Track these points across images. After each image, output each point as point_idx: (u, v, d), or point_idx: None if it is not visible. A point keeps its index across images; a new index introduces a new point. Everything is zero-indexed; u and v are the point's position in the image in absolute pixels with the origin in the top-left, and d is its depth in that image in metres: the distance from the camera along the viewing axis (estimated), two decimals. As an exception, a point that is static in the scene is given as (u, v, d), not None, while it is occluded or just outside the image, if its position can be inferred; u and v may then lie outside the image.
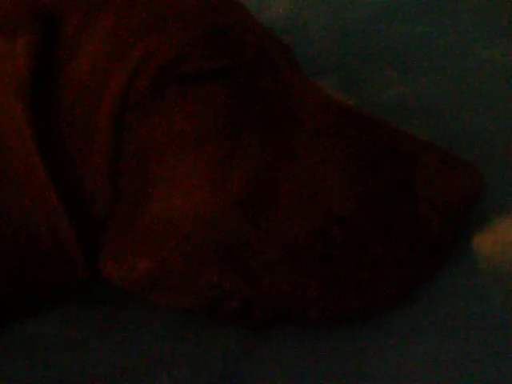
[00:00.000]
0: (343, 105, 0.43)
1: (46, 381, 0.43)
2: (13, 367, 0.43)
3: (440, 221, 0.41)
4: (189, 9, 0.42)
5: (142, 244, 0.41)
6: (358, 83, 0.57)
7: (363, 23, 0.62)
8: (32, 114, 0.39)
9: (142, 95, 0.40)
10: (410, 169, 0.41)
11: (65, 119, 0.41)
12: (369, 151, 0.41)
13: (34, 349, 0.44)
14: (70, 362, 0.43)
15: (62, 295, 0.45)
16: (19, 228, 0.40)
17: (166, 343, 0.43)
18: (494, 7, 0.61)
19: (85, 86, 0.41)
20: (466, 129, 0.50)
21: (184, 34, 0.41)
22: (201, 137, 0.41)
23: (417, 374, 0.39)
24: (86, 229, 0.41)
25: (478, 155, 0.47)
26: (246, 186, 0.41)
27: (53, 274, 0.42)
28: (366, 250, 0.40)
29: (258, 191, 0.41)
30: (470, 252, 0.44)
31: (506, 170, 0.47)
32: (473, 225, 0.44)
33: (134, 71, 0.40)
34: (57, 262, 0.41)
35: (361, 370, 0.40)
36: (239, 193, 0.41)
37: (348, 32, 0.62)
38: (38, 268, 0.42)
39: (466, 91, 0.54)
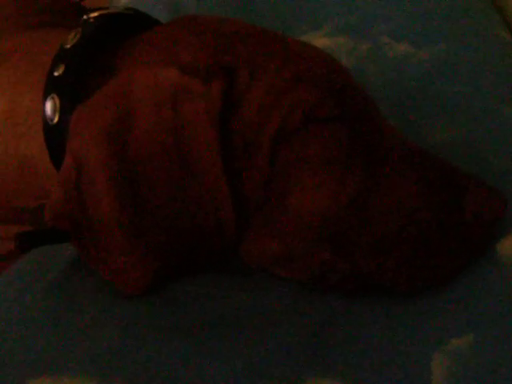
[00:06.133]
0: (413, 143, 0.56)
1: (194, 324, 0.54)
2: (171, 315, 0.55)
3: (479, 227, 0.53)
4: (322, 71, 0.55)
5: (276, 231, 0.54)
6: (411, 127, 0.68)
7: (414, 79, 0.75)
8: (218, 138, 0.52)
9: (291, 131, 0.53)
10: (460, 191, 0.53)
11: (234, 144, 0.53)
12: (433, 176, 0.54)
13: (186, 302, 0.56)
14: (214, 311, 0.55)
15: (211, 264, 0.58)
16: (195, 214, 0.54)
17: (287, 300, 0.56)
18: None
19: (250, 122, 0.53)
20: (497, 164, 0.63)
21: (320, 90, 0.54)
22: (324, 159, 0.53)
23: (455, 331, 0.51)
24: (238, 217, 0.54)
25: (503, 183, 0.59)
26: (353, 194, 0.53)
27: (211, 249, 0.56)
28: (431, 243, 0.52)
29: (361, 197, 0.53)
30: (494, 250, 0.55)
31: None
32: (498, 232, 0.55)
33: (286, 114, 0.53)
34: (216, 240, 0.55)
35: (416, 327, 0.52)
36: (348, 198, 0.53)
37: (402, 85, 0.74)
38: (202, 243, 0.55)
39: (494, 137, 0.66)
